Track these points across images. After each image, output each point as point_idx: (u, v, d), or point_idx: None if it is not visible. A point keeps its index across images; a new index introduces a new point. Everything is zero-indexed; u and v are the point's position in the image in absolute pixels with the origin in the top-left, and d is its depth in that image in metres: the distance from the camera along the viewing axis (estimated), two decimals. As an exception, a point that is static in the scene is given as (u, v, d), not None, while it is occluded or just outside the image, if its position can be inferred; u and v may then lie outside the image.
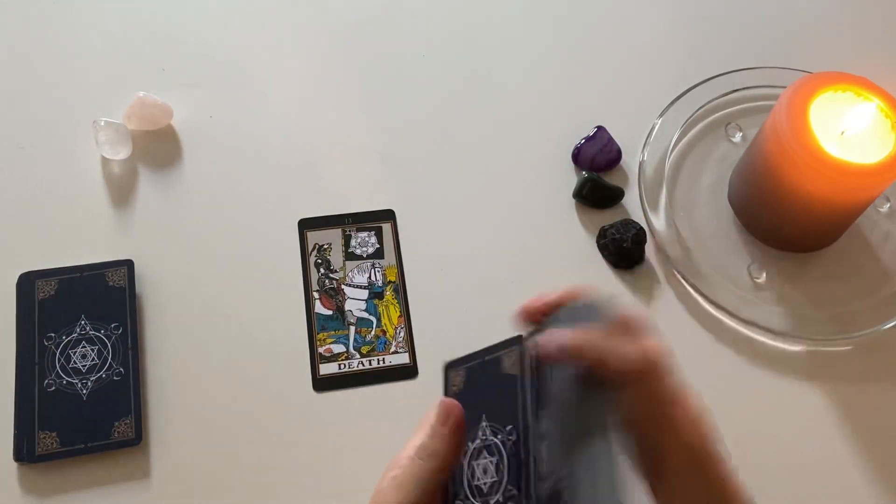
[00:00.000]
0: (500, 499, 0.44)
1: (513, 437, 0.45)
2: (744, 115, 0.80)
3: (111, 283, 0.67)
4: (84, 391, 0.63)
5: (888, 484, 0.66)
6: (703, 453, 0.46)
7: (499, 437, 0.45)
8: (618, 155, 0.76)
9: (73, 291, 0.67)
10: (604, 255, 0.73)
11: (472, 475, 0.46)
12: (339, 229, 0.73)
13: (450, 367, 0.50)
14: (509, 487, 0.44)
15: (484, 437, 0.46)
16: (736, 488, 0.46)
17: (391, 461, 0.47)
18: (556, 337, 0.45)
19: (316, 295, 0.70)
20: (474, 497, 0.46)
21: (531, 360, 0.46)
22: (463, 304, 0.70)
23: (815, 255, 0.74)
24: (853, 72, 0.68)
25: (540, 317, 0.48)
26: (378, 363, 0.68)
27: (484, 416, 0.46)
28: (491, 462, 0.45)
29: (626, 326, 0.46)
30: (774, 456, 0.66)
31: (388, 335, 0.69)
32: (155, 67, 0.79)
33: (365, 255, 0.72)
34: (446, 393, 0.50)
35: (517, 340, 0.47)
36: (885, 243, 0.75)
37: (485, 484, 0.45)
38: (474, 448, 0.46)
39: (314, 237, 0.72)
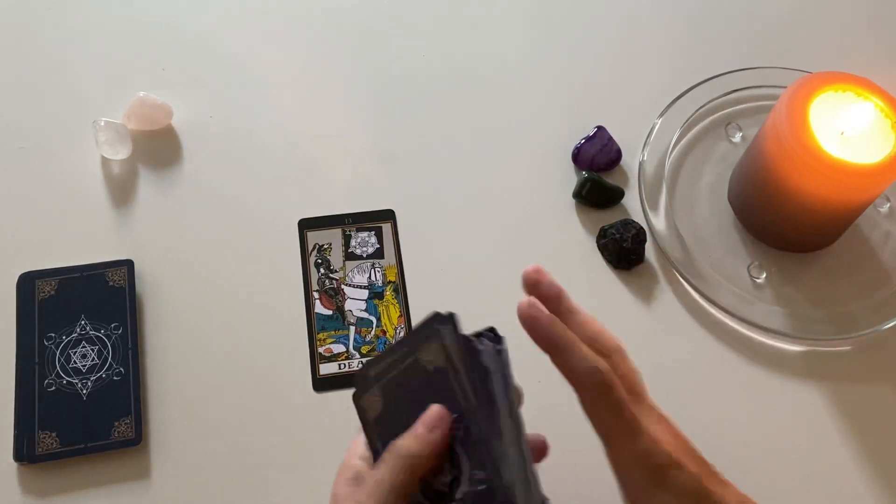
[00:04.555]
0: (467, 489, 0.43)
1: (460, 426, 0.43)
2: (744, 115, 0.80)
3: (111, 283, 0.67)
4: (84, 391, 0.63)
5: (888, 484, 0.65)
6: (665, 463, 0.44)
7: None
8: (618, 155, 0.76)
9: (73, 291, 0.67)
10: (604, 255, 0.73)
11: (427, 486, 0.45)
12: (339, 229, 0.73)
13: (359, 394, 0.48)
14: (475, 473, 0.43)
15: None
16: (715, 494, 0.44)
17: (344, 466, 0.46)
18: (544, 316, 0.46)
19: (316, 295, 0.70)
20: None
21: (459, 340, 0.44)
22: (463, 304, 0.70)
23: (815, 255, 0.74)
24: (853, 72, 0.67)
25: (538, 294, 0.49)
26: (378, 363, 0.68)
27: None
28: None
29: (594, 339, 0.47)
30: (774, 456, 0.66)
31: (388, 335, 0.69)
32: (155, 67, 0.79)
33: (365, 255, 0.72)
34: (365, 423, 0.48)
35: (435, 334, 0.45)
36: (885, 243, 0.75)
37: (444, 483, 0.44)
38: None
39: (314, 237, 0.72)
